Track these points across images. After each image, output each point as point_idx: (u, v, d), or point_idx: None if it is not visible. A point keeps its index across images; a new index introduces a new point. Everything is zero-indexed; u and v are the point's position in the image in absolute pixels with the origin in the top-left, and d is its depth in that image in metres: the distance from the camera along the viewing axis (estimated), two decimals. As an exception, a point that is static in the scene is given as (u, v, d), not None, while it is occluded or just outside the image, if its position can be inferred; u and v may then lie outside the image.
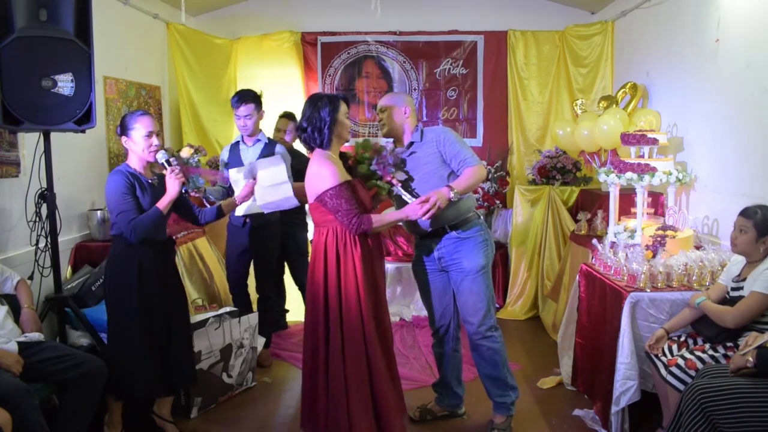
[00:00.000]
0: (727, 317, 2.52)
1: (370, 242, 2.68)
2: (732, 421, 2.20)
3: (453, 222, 2.86)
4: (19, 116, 2.82)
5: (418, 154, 2.87)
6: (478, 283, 2.87)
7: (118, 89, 4.26)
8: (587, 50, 5.26)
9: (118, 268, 2.77)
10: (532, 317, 4.87)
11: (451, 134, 2.86)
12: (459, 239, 2.87)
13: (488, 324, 2.91)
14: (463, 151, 2.81)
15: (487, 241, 2.93)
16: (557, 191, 4.78)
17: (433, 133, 2.88)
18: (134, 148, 2.77)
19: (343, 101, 2.68)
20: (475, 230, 2.89)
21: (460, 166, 2.80)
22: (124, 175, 2.72)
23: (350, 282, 2.60)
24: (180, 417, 3.20)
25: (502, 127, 5.51)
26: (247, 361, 3.56)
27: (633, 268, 2.95)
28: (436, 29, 5.50)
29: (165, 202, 2.72)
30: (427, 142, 2.86)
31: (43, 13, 2.83)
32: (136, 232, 2.65)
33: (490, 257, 2.93)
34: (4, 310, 2.67)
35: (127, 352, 2.75)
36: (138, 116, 2.77)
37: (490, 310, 2.91)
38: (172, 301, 2.89)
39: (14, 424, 2.16)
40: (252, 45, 5.45)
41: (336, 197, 2.55)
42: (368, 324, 2.60)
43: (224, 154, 3.85)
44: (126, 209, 2.66)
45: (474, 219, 2.91)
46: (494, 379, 2.98)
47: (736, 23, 3.27)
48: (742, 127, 3.24)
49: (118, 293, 2.76)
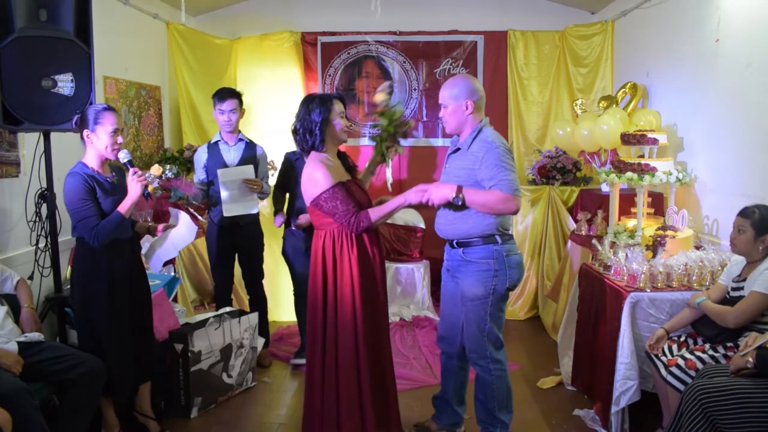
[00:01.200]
0: (728, 317, 2.52)
1: (368, 242, 2.63)
2: (732, 421, 2.20)
3: (456, 239, 2.67)
4: (19, 116, 2.83)
5: (457, 162, 2.65)
6: (472, 311, 2.66)
7: (118, 89, 4.26)
8: (587, 50, 5.26)
9: (86, 270, 2.70)
10: (532, 317, 4.86)
11: (496, 155, 2.52)
12: (463, 259, 2.66)
13: (481, 354, 2.68)
14: (500, 174, 2.49)
15: (496, 272, 2.60)
16: (557, 191, 4.78)
17: (480, 145, 2.58)
18: (97, 144, 2.65)
19: (338, 100, 2.63)
20: (483, 255, 2.61)
21: (492, 189, 2.51)
22: (82, 178, 2.61)
23: (346, 286, 2.57)
24: (180, 417, 3.21)
25: (502, 127, 5.50)
26: (247, 361, 3.56)
27: (633, 268, 2.95)
28: (436, 29, 5.50)
29: (126, 205, 2.65)
30: (471, 152, 2.60)
31: (43, 13, 2.83)
32: (100, 239, 2.60)
33: (494, 289, 2.61)
34: (4, 310, 2.67)
35: (102, 350, 2.70)
36: (104, 111, 2.65)
37: (486, 339, 2.66)
38: (138, 297, 2.85)
39: (14, 424, 2.16)
40: (252, 45, 5.45)
41: (331, 199, 2.52)
42: (361, 332, 2.58)
43: (201, 155, 3.77)
44: (87, 216, 2.58)
45: (484, 244, 2.61)
46: (483, 405, 2.78)
47: (736, 23, 3.27)
48: (742, 127, 3.24)
49: (88, 294, 2.71)
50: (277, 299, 4.71)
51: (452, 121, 2.67)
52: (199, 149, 3.85)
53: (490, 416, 2.76)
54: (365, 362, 2.59)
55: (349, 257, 2.57)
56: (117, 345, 2.73)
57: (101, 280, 2.69)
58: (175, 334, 3.21)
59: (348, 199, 2.54)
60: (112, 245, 2.67)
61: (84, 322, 2.76)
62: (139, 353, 2.83)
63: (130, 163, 2.70)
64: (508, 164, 2.53)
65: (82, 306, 2.74)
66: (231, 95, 3.70)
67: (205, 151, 3.77)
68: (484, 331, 2.66)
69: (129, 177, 2.65)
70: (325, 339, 2.61)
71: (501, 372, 2.71)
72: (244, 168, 3.66)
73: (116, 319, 2.73)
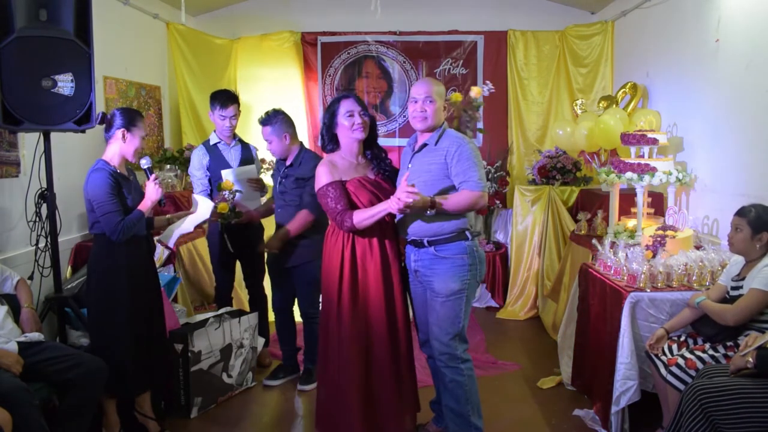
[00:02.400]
0: (728, 315, 2.52)
1: (367, 243, 2.69)
2: (732, 421, 2.20)
3: (432, 237, 2.64)
4: (19, 116, 2.82)
5: (426, 158, 2.66)
6: (446, 307, 2.62)
7: (118, 89, 4.26)
8: (587, 50, 5.27)
9: (106, 266, 2.77)
10: (532, 317, 4.86)
11: (467, 149, 2.58)
12: (436, 257, 2.63)
13: (452, 353, 2.63)
14: (470, 172, 2.55)
15: (470, 267, 2.63)
16: (557, 191, 4.78)
17: (449, 140, 2.62)
18: (128, 144, 2.79)
19: (345, 99, 2.70)
20: (457, 251, 2.62)
21: (461, 186, 2.57)
22: (109, 174, 2.71)
23: (335, 279, 2.70)
24: (180, 417, 3.21)
25: (502, 127, 5.51)
26: (247, 361, 3.56)
27: (633, 268, 2.95)
28: (436, 29, 5.50)
29: (147, 205, 2.81)
30: (440, 148, 2.62)
31: (43, 13, 2.83)
32: (124, 234, 2.69)
33: (468, 283, 2.64)
34: (4, 310, 2.67)
35: (118, 348, 2.75)
36: (141, 117, 2.84)
37: (457, 338, 2.63)
38: (152, 294, 2.94)
39: (14, 423, 2.16)
40: (252, 45, 5.45)
41: (323, 197, 2.67)
42: (347, 324, 2.67)
43: (201, 157, 3.71)
44: (113, 210, 2.67)
45: (459, 239, 2.63)
46: (456, 414, 2.67)
47: (736, 23, 3.27)
48: (742, 127, 3.24)
49: (107, 291, 2.76)
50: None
51: (435, 118, 2.65)
52: (197, 150, 3.80)
53: (464, 424, 2.66)
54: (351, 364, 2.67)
55: (343, 254, 2.68)
56: (133, 340, 2.77)
57: (119, 274, 2.75)
58: (175, 334, 3.21)
59: (339, 198, 2.63)
60: (129, 241, 2.76)
61: (98, 318, 2.80)
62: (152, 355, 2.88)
63: (150, 170, 2.88)
64: (477, 161, 2.60)
65: (99, 303, 2.78)
66: (233, 100, 3.71)
67: (206, 153, 3.74)
68: (458, 328, 2.63)
69: (151, 181, 2.82)
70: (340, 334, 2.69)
71: (471, 372, 2.67)
72: (249, 168, 3.75)
73: (133, 314, 2.78)
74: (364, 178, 2.72)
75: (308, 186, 3.23)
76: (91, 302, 2.83)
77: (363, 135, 2.71)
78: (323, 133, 2.77)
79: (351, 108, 2.68)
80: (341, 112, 2.69)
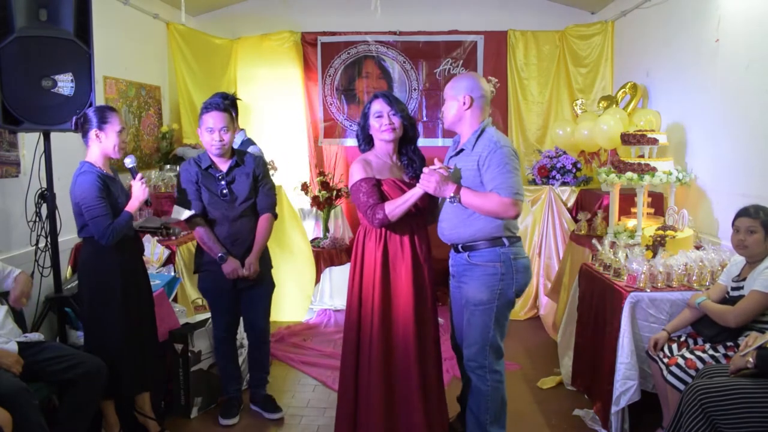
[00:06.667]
0: (728, 316, 2.52)
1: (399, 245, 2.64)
2: (732, 421, 2.20)
3: (462, 242, 2.57)
4: (19, 116, 2.83)
5: (461, 164, 2.56)
6: (475, 316, 2.56)
7: (118, 89, 4.26)
8: (587, 50, 5.27)
9: (98, 269, 2.74)
10: (532, 317, 4.86)
11: (501, 156, 2.42)
12: (469, 263, 2.56)
13: (479, 363, 2.59)
14: (500, 177, 2.40)
15: (502, 276, 2.50)
16: (557, 191, 4.78)
17: (484, 145, 2.48)
18: (105, 144, 2.71)
19: (375, 100, 2.66)
20: (489, 259, 2.51)
21: (491, 191, 2.44)
22: (96, 176, 2.66)
23: (368, 281, 2.65)
24: (180, 417, 3.21)
25: (502, 127, 5.51)
26: (246, 362, 3.55)
27: (633, 268, 2.95)
28: (436, 29, 5.51)
29: (135, 206, 2.76)
30: (475, 153, 2.49)
31: (43, 13, 2.83)
32: (114, 237, 2.66)
33: (500, 294, 2.52)
34: (4, 309, 2.67)
35: (111, 349, 2.73)
36: (110, 111, 2.73)
37: (488, 348, 2.56)
38: (144, 295, 2.91)
39: (14, 423, 2.15)
40: (252, 45, 5.46)
41: (355, 192, 2.63)
42: (366, 329, 2.64)
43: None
44: (101, 214, 2.63)
45: (491, 246, 2.51)
46: (475, 417, 2.65)
47: (736, 23, 3.27)
48: (741, 127, 3.24)
49: (99, 292, 2.74)
50: (277, 299, 4.67)
51: (448, 114, 2.61)
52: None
53: (480, 430, 2.64)
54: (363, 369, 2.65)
55: (375, 252, 2.64)
56: (127, 342, 2.76)
57: (112, 276, 2.73)
58: (175, 334, 3.21)
59: (371, 193, 2.59)
60: (118, 242, 2.72)
61: (92, 321, 2.78)
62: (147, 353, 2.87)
63: (135, 170, 2.82)
64: (512, 166, 2.43)
65: (92, 304, 2.76)
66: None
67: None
68: (488, 339, 2.56)
69: (137, 180, 2.77)
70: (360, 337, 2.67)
71: (498, 384, 2.61)
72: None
73: (126, 316, 2.76)
74: (399, 180, 2.66)
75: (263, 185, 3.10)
76: (84, 305, 2.81)
77: (392, 136, 2.63)
78: (358, 133, 2.76)
79: (380, 109, 2.63)
80: (371, 113, 2.66)
